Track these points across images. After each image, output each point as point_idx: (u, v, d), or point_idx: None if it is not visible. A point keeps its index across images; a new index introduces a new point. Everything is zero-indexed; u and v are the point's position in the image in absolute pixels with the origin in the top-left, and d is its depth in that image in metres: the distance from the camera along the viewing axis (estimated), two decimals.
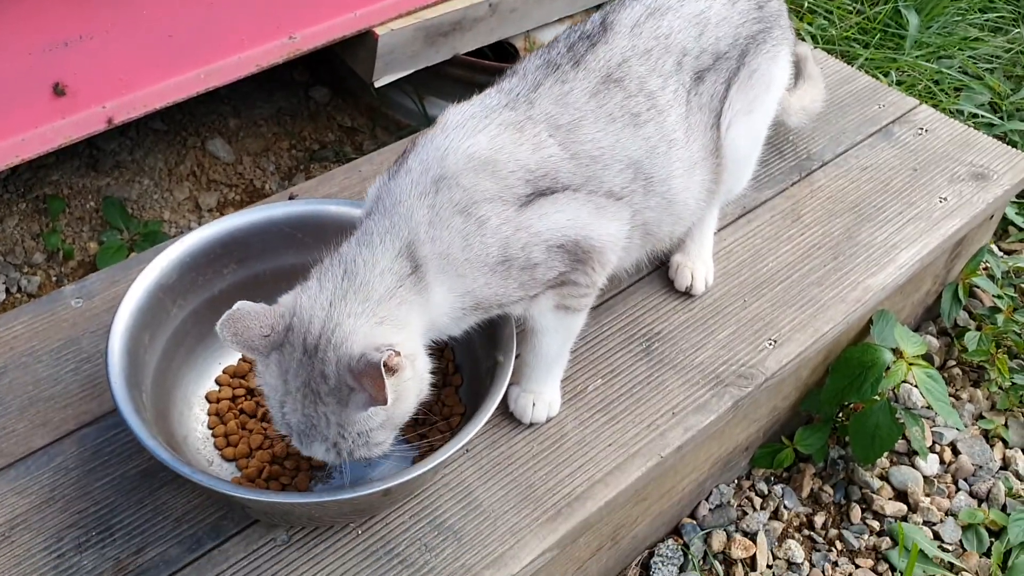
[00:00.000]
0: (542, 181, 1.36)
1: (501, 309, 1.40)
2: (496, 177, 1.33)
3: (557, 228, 1.37)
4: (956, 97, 2.90)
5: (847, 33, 3.06)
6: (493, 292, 1.35)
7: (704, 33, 1.55)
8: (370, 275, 1.27)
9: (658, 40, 1.50)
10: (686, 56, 1.52)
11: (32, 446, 1.50)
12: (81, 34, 1.93)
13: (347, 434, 1.25)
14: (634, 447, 1.55)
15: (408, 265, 1.29)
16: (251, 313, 1.26)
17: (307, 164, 2.69)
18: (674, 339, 1.73)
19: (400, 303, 1.28)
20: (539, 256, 1.37)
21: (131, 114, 2.07)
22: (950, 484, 2.03)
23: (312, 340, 1.23)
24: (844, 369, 1.88)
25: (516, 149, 1.35)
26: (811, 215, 1.99)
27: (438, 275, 1.31)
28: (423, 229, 1.30)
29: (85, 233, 2.44)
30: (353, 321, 1.23)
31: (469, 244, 1.31)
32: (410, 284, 1.29)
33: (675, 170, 1.50)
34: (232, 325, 1.25)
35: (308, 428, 1.26)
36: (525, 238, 1.34)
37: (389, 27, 2.37)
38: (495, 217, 1.32)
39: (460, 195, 1.31)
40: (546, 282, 1.40)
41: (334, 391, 1.22)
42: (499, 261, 1.34)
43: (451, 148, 1.34)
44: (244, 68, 2.20)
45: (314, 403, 1.24)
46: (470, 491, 1.48)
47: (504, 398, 1.55)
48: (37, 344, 1.64)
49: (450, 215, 1.31)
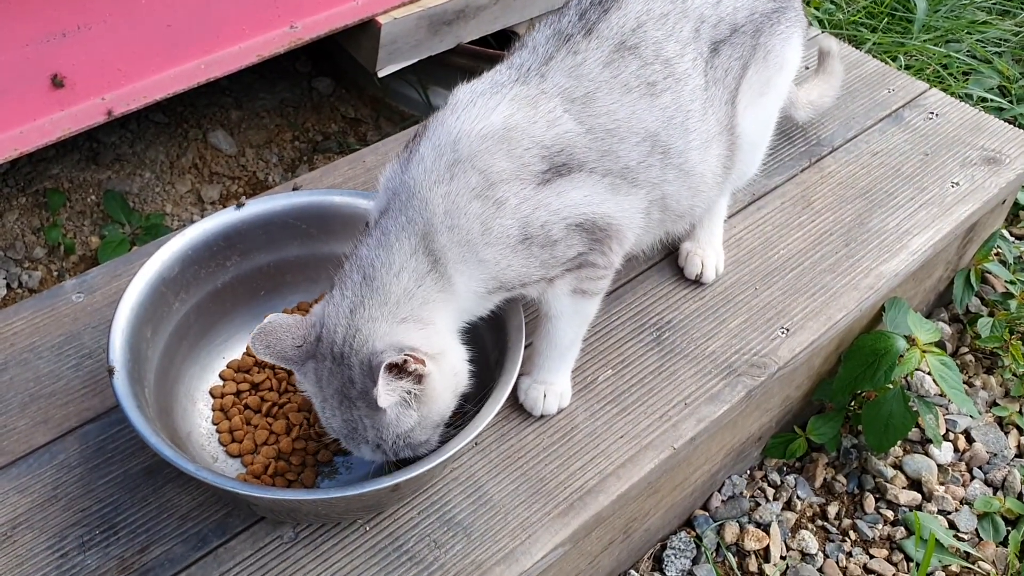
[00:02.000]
0: (558, 157, 1.33)
1: (524, 289, 1.39)
2: (512, 156, 1.30)
3: (575, 205, 1.34)
4: (965, 81, 2.87)
5: (854, 17, 3.02)
6: (516, 273, 1.34)
7: (722, 1, 1.50)
8: (387, 277, 1.28)
9: (675, 4, 1.44)
10: (703, 23, 1.47)
11: (34, 444, 1.48)
12: (79, 24, 1.90)
13: (386, 436, 1.27)
14: (646, 439, 1.53)
15: (426, 261, 1.29)
16: (282, 325, 1.30)
17: (311, 156, 2.67)
18: (685, 328, 1.70)
19: (422, 302, 1.29)
20: (558, 234, 1.34)
21: (130, 106, 2.04)
22: (965, 472, 2.00)
23: (338, 348, 1.26)
24: (857, 357, 1.85)
25: (530, 126, 1.32)
26: (822, 201, 1.96)
27: (458, 264, 1.29)
28: (439, 219, 1.28)
29: (86, 227, 2.42)
30: (372, 325, 1.26)
31: (488, 228, 1.29)
32: (431, 282, 1.29)
33: (693, 141, 1.46)
34: (264, 338, 1.29)
35: (350, 431, 1.29)
36: (544, 216, 1.32)
37: (392, 16, 2.34)
38: (513, 197, 1.30)
39: (476, 179, 1.29)
40: (566, 261, 1.38)
41: (362, 395, 1.25)
42: (520, 240, 1.31)
43: (463, 131, 1.31)
44: (245, 58, 2.17)
45: (349, 408, 1.27)
46: (480, 485, 1.46)
47: (513, 390, 1.52)
48: (38, 340, 1.62)
49: (467, 202, 1.28)
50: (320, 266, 1.62)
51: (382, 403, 1.20)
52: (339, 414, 1.29)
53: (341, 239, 1.60)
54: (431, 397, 1.28)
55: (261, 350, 1.29)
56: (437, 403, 1.29)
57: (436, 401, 1.29)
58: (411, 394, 1.25)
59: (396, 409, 1.25)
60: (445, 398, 1.31)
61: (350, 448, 1.32)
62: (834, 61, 2.09)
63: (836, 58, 2.10)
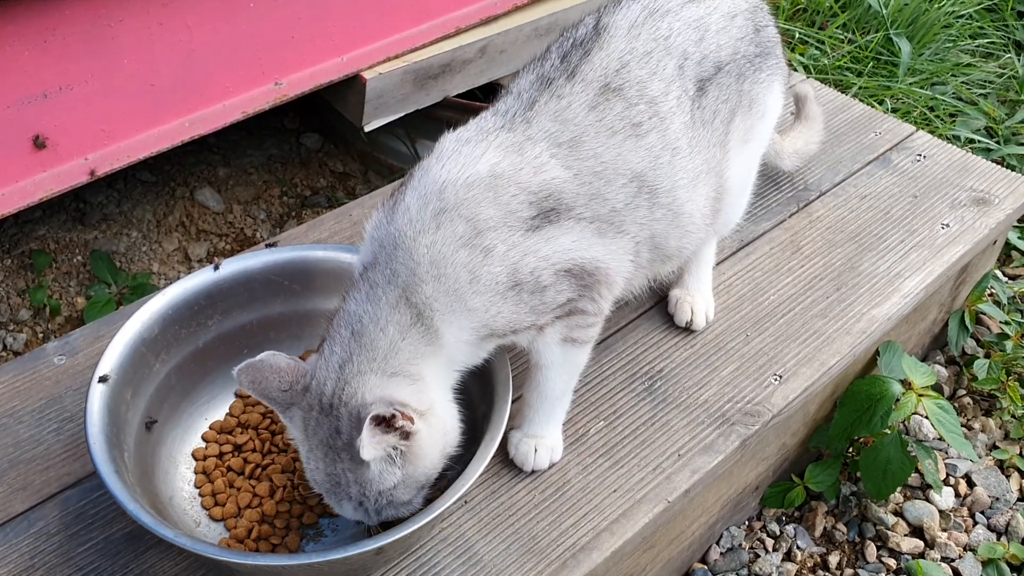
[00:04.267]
0: (546, 202, 1.32)
1: (515, 336, 1.37)
2: (499, 203, 1.29)
3: (564, 250, 1.33)
4: (952, 123, 2.88)
5: (840, 62, 3.04)
6: (505, 320, 1.32)
7: (705, 39, 1.49)
8: (374, 331, 1.26)
9: (657, 42, 1.44)
10: (687, 60, 1.46)
11: (12, 511, 1.45)
12: (60, 85, 1.90)
13: (368, 492, 1.25)
14: (640, 492, 1.50)
15: (410, 314, 1.27)
16: (272, 366, 1.29)
17: (299, 211, 2.66)
18: (677, 377, 1.68)
19: (410, 356, 1.27)
20: (548, 279, 1.33)
21: (114, 165, 2.04)
22: (967, 518, 1.96)
23: (327, 399, 1.25)
24: (852, 403, 1.82)
25: (517, 173, 1.31)
26: (811, 246, 1.95)
27: (446, 315, 1.28)
28: (424, 270, 1.26)
29: (72, 288, 2.40)
30: (362, 378, 1.24)
31: (476, 276, 1.27)
32: (416, 334, 1.27)
33: (679, 180, 1.44)
34: (252, 373, 1.28)
35: (333, 485, 1.27)
36: (533, 262, 1.30)
37: (377, 71, 2.34)
38: (501, 244, 1.28)
39: (463, 227, 1.27)
40: (555, 308, 1.36)
41: (347, 447, 1.23)
42: (509, 287, 1.30)
43: (449, 179, 1.29)
44: (229, 115, 2.17)
45: (333, 461, 1.25)
46: (470, 546, 1.42)
47: (503, 444, 1.49)
48: (18, 404, 1.59)
49: (454, 251, 1.27)
50: (304, 323, 1.60)
51: (365, 455, 1.17)
52: (323, 466, 1.26)
53: (324, 295, 1.58)
54: (417, 455, 1.25)
55: (245, 383, 1.27)
56: (423, 462, 1.27)
57: (422, 460, 1.26)
58: (397, 450, 1.23)
59: (380, 464, 1.23)
60: (432, 457, 1.28)
61: (332, 504, 1.30)
62: (812, 105, 2.09)
63: (813, 102, 2.10)
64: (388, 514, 1.27)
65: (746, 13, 1.58)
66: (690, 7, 1.50)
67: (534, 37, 2.58)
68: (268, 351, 1.30)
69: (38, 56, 1.83)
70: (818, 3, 3.20)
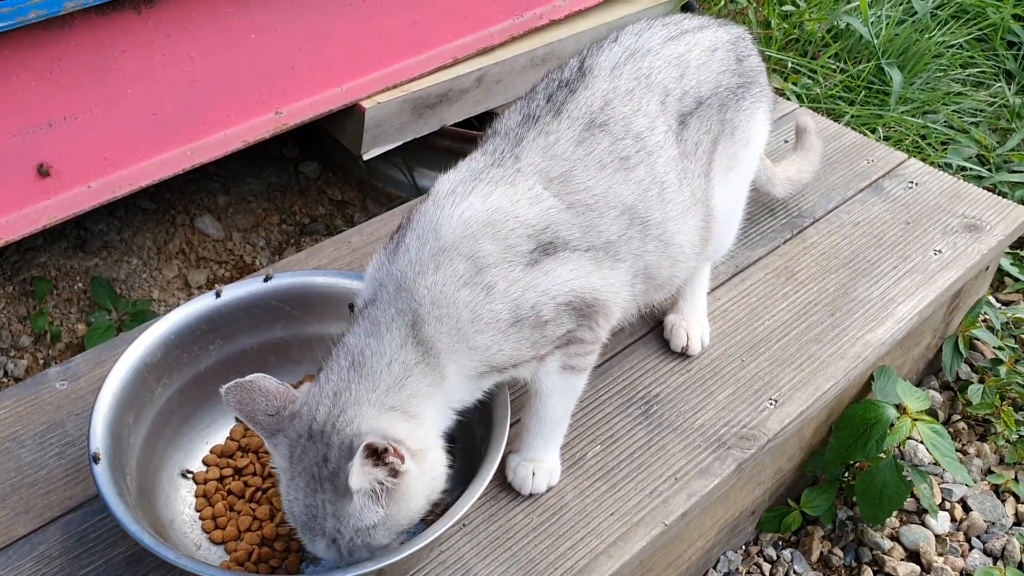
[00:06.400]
0: (544, 234, 1.34)
1: (515, 370, 1.38)
2: (498, 238, 1.31)
3: (563, 283, 1.34)
4: (944, 151, 2.91)
5: (832, 91, 3.08)
6: (507, 355, 1.33)
7: (685, 75, 1.53)
8: (379, 365, 1.26)
9: (639, 80, 1.48)
10: (668, 96, 1.50)
11: (14, 535, 1.45)
12: (64, 114, 1.92)
13: (344, 528, 1.23)
14: (637, 516, 1.51)
15: (416, 352, 1.27)
16: (261, 388, 1.28)
17: (298, 238, 2.68)
18: (673, 402, 1.69)
19: (411, 394, 1.27)
20: (549, 313, 1.34)
21: (116, 193, 2.06)
22: (963, 542, 1.97)
23: (318, 426, 1.23)
24: (847, 427, 1.84)
25: (513, 206, 1.33)
26: (805, 272, 1.97)
27: (449, 354, 1.28)
28: (426, 310, 1.27)
29: (73, 315, 2.41)
30: (359, 408, 1.24)
31: (478, 315, 1.28)
32: (420, 373, 1.27)
33: (670, 212, 1.47)
34: (239, 393, 1.27)
35: (309, 519, 1.25)
36: (534, 297, 1.32)
37: (375, 100, 2.37)
38: (502, 281, 1.30)
39: (463, 266, 1.28)
40: (555, 339, 1.38)
41: (332, 477, 1.21)
42: (510, 323, 1.31)
43: (444, 218, 1.31)
44: (230, 144, 2.20)
45: (314, 490, 1.23)
46: (468, 568, 1.43)
47: (501, 468, 1.50)
48: (20, 429, 1.60)
49: (455, 291, 1.28)
50: (304, 347, 1.61)
51: (353, 484, 1.16)
52: (303, 496, 1.24)
53: (324, 320, 1.60)
54: (403, 496, 1.24)
55: (232, 403, 1.26)
56: (407, 504, 1.25)
57: (407, 502, 1.25)
58: (383, 487, 1.21)
59: (363, 499, 1.21)
60: (417, 501, 1.27)
61: (304, 540, 1.27)
62: (811, 137, 2.12)
63: (813, 134, 2.13)
64: (360, 556, 1.25)
65: (727, 45, 1.61)
66: (670, 45, 1.54)
67: (530, 67, 2.61)
68: (258, 373, 1.30)
69: (44, 86, 1.86)
70: (810, 33, 3.24)
